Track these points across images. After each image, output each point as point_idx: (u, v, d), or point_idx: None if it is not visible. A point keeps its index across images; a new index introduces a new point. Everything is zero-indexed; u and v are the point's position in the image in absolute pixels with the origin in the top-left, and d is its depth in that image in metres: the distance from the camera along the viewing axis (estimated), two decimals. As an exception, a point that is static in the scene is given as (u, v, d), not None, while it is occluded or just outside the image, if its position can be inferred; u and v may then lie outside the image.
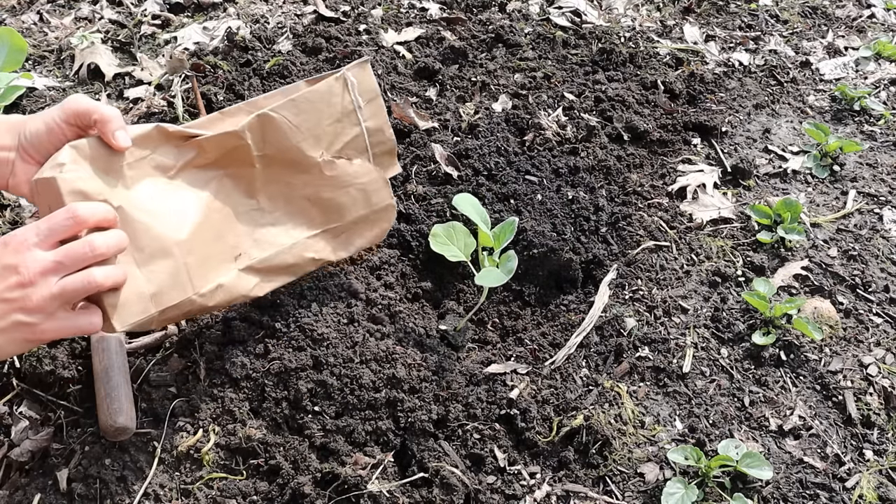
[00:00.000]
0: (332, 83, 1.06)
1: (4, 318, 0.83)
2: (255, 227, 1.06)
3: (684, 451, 1.08)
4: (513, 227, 1.23)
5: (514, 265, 1.17)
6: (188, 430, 1.07)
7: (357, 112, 1.09)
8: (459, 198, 1.26)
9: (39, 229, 0.84)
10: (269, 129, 1.03)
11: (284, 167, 1.07)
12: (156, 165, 0.97)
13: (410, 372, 1.12)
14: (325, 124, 1.07)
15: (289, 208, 1.09)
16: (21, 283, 0.82)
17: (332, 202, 1.11)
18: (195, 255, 0.97)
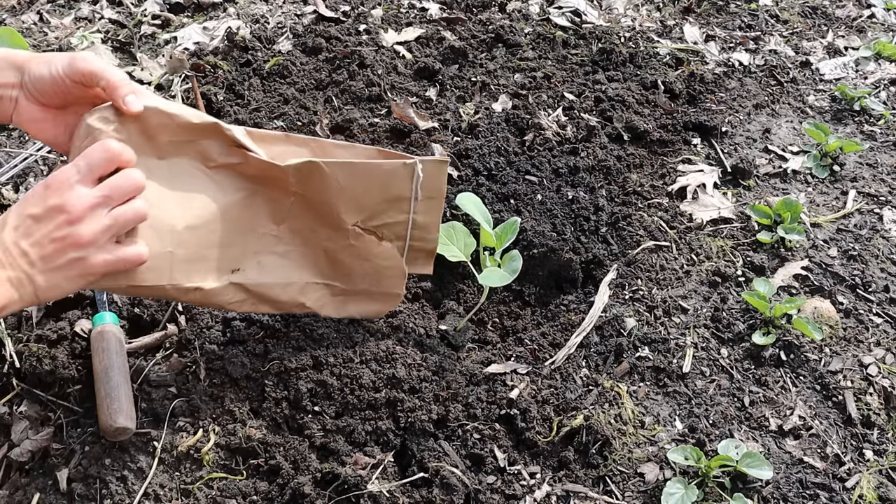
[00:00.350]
0: (399, 168, 1.04)
1: (59, 256, 0.86)
2: (265, 251, 1.04)
3: (684, 451, 1.08)
4: (515, 226, 1.23)
5: (519, 265, 1.17)
6: (188, 430, 1.07)
7: (412, 202, 1.06)
8: (462, 197, 1.25)
9: (79, 167, 0.86)
10: (315, 177, 1.00)
11: (314, 214, 1.05)
12: (199, 151, 0.97)
13: (410, 372, 1.12)
14: (373, 200, 1.05)
15: (304, 249, 1.07)
16: (70, 221, 0.85)
17: (345, 264, 1.09)
18: (186, 249, 0.96)
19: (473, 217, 1.24)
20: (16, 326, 1.19)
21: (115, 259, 0.89)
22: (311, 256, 1.07)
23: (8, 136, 1.61)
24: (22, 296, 0.86)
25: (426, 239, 1.12)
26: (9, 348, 1.14)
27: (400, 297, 1.16)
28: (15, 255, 0.85)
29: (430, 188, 1.07)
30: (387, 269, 1.11)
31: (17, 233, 0.85)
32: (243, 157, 0.98)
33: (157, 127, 0.93)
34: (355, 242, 1.07)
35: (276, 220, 1.04)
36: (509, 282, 1.15)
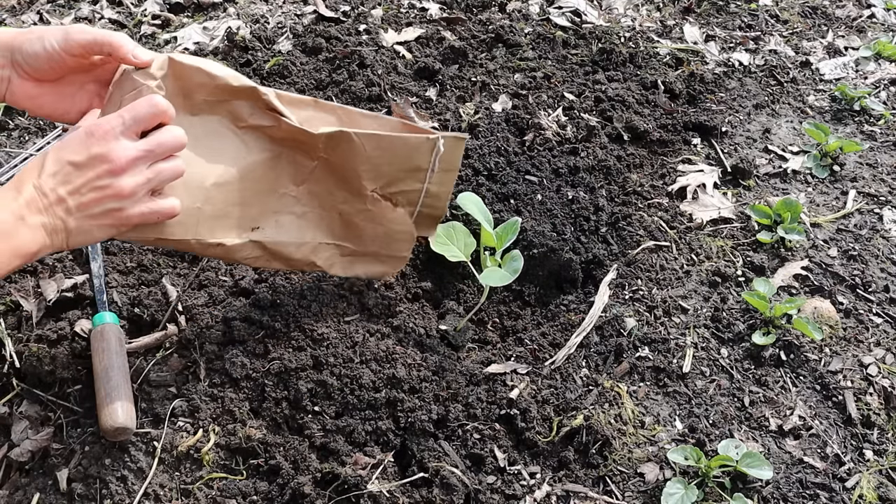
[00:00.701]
0: (422, 141, 1.09)
1: (97, 205, 0.86)
2: (283, 210, 1.08)
3: (684, 451, 1.08)
4: (516, 226, 1.23)
5: (520, 265, 1.17)
6: (188, 430, 1.07)
7: (428, 173, 1.12)
8: (463, 196, 1.25)
9: (125, 119, 0.87)
10: (343, 144, 1.04)
11: (336, 178, 1.09)
12: (230, 111, 1.00)
13: (410, 372, 1.12)
14: (394, 169, 1.10)
15: (320, 211, 1.11)
16: (112, 171, 0.85)
17: (357, 227, 1.14)
18: (213, 205, 0.99)
19: (474, 217, 1.24)
20: (16, 326, 1.19)
21: (149, 212, 0.90)
22: (326, 218, 1.12)
23: (8, 136, 1.61)
24: (53, 242, 0.86)
25: (435, 206, 1.17)
26: (9, 348, 1.14)
27: (405, 260, 1.21)
28: (52, 201, 0.85)
29: (448, 161, 1.13)
30: (398, 233, 1.16)
31: (55, 179, 0.85)
32: (275, 121, 1.01)
33: (197, 86, 0.95)
34: (372, 207, 1.12)
35: (296, 182, 1.08)
36: (510, 281, 1.15)
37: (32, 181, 0.85)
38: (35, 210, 0.84)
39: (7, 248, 0.83)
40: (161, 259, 1.33)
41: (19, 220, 0.83)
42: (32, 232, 0.84)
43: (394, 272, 1.24)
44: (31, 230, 0.84)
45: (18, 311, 1.20)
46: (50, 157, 0.86)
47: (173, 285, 1.26)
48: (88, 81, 0.99)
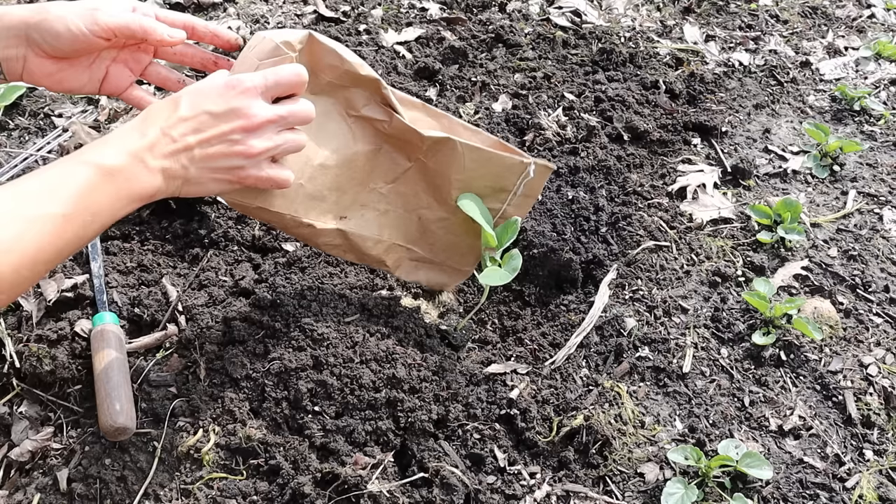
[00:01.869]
0: (517, 163, 1.11)
1: (222, 160, 0.85)
2: (370, 205, 1.09)
3: (684, 451, 1.08)
4: (515, 226, 1.23)
5: (519, 263, 1.17)
6: (188, 430, 1.07)
7: (511, 195, 1.14)
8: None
9: (268, 80, 0.86)
10: (445, 151, 1.06)
11: (426, 183, 1.11)
12: (346, 98, 1.01)
13: (410, 372, 1.12)
14: (483, 185, 1.11)
15: (402, 212, 1.13)
16: (246, 129, 0.85)
17: (433, 234, 1.16)
18: (314, 185, 1.00)
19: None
20: (16, 326, 1.19)
21: (267, 177, 0.90)
22: (405, 220, 1.14)
23: (8, 136, 1.61)
24: (168, 187, 0.84)
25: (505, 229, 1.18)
26: (9, 348, 1.14)
27: (468, 275, 1.24)
28: (179, 147, 0.83)
29: (531, 188, 1.15)
30: (469, 247, 1.18)
31: (186, 125, 0.83)
32: (388, 116, 1.03)
33: (326, 67, 0.97)
34: (452, 218, 1.14)
35: (387, 180, 1.09)
36: (509, 280, 1.15)
37: (161, 124, 0.82)
38: (159, 153, 0.82)
39: (125, 191, 0.80)
40: (161, 259, 1.33)
41: (139, 161, 0.81)
42: (151, 175, 0.81)
43: (453, 285, 1.26)
44: (151, 173, 0.81)
45: (18, 311, 1.20)
46: (185, 101, 0.84)
47: (173, 285, 1.26)
48: (103, 49, 0.98)
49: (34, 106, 1.68)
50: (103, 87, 1.01)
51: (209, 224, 1.37)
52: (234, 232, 1.36)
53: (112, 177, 0.79)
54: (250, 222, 1.38)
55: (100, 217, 0.79)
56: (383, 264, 1.15)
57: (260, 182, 0.90)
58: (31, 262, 0.74)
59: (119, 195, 0.80)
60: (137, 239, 1.36)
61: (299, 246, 1.34)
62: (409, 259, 1.17)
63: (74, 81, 0.98)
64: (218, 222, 1.37)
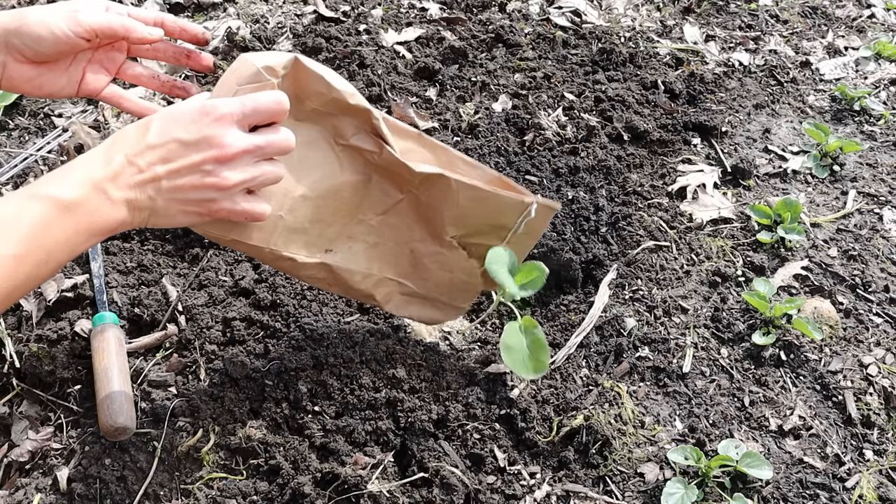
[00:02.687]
0: (517, 202, 1.05)
1: (193, 192, 0.80)
2: (358, 237, 1.04)
3: (684, 451, 1.08)
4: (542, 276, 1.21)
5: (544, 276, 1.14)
6: (188, 430, 1.07)
7: (510, 233, 1.09)
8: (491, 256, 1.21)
9: (245, 107, 0.81)
10: (438, 187, 1.01)
11: (418, 216, 1.05)
12: (334, 126, 0.96)
13: (410, 372, 1.12)
14: (479, 222, 1.06)
15: (393, 245, 1.07)
16: (219, 159, 0.79)
17: (426, 269, 1.10)
18: (294, 217, 0.95)
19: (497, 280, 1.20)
20: (16, 326, 1.19)
21: (241, 211, 0.85)
22: (396, 253, 1.08)
23: (8, 136, 1.61)
24: (133, 219, 0.79)
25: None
26: (9, 348, 1.14)
27: (463, 311, 1.17)
28: (146, 178, 0.78)
29: (533, 227, 1.09)
30: (464, 283, 1.13)
31: (155, 153, 0.78)
32: (377, 147, 0.97)
33: (312, 94, 0.92)
34: (446, 252, 1.09)
35: (377, 211, 1.04)
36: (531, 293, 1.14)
37: (127, 150, 0.78)
38: (123, 184, 0.77)
39: (84, 226, 0.75)
40: (161, 259, 1.33)
41: (101, 193, 0.76)
42: (114, 207, 0.77)
43: (446, 321, 1.19)
44: (114, 205, 0.77)
45: (18, 311, 1.20)
46: (155, 126, 0.79)
47: (173, 285, 1.26)
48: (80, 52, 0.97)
49: (34, 106, 1.68)
50: (81, 89, 1.00)
51: (209, 224, 1.36)
52: (234, 232, 1.36)
53: (70, 211, 0.74)
54: (250, 222, 1.38)
55: (55, 255, 0.75)
56: (372, 298, 1.09)
57: (234, 215, 0.85)
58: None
59: (77, 230, 0.75)
60: (137, 239, 1.36)
61: (299, 246, 1.34)
62: (401, 293, 1.11)
63: (54, 85, 0.96)
64: (218, 222, 1.37)
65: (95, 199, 0.76)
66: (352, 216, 1.02)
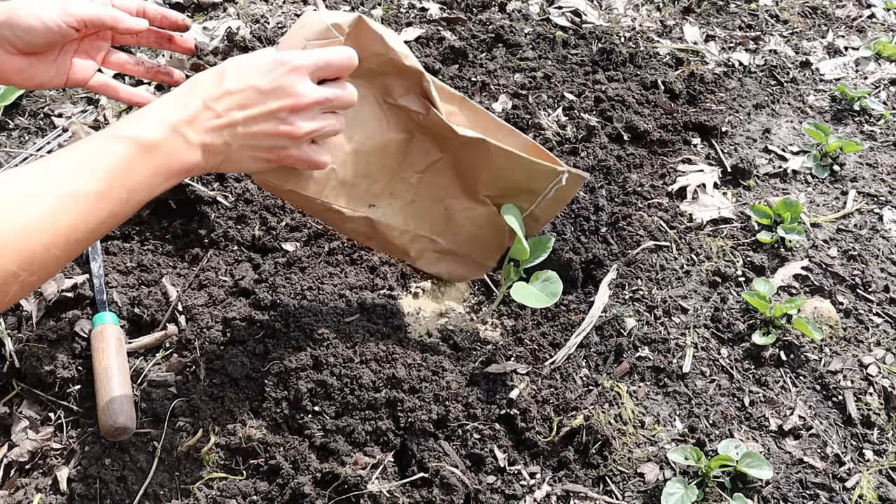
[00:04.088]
0: (550, 170, 1.10)
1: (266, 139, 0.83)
2: (398, 194, 1.09)
3: (684, 451, 1.08)
4: (547, 245, 1.22)
5: (559, 290, 1.15)
6: (188, 430, 1.07)
7: (539, 198, 1.13)
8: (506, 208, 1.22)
9: (319, 61, 0.84)
10: (478, 151, 1.05)
11: (455, 174, 1.10)
12: (384, 85, 1.00)
13: (410, 372, 1.12)
14: (512, 185, 1.11)
15: (428, 202, 1.12)
16: (293, 108, 0.83)
17: (458, 225, 1.15)
18: (346, 171, 1.00)
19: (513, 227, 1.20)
20: (16, 326, 1.19)
21: (306, 158, 0.88)
22: (433, 210, 1.13)
23: (8, 136, 1.61)
24: (207, 163, 0.81)
25: (531, 229, 1.18)
26: (9, 348, 1.14)
27: (488, 268, 1.23)
28: (223, 122, 0.80)
29: (561, 194, 1.14)
30: (492, 239, 1.18)
31: (232, 99, 0.80)
32: (425, 109, 1.02)
33: (371, 54, 0.95)
34: (480, 208, 1.13)
35: (417, 169, 1.09)
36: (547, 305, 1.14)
37: (204, 96, 0.79)
38: (200, 128, 0.79)
39: (163, 167, 0.77)
40: (161, 259, 1.33)
41: (180, 136, 0.77)
42: (191, 150, 0.78)
43: (472, 278, 1.25)
44: (191, 148, 0.78)
45: (18, 311, 1.20)
46: (231, 73, 0.81)
47: (173, 285, 1.26)
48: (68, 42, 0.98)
49: (34, 106, 1.68)
50: (70, 79, 1.01)
51: (209, 224, 1.37)
52: (234, 232, 1.36)
53: (150, 152, 0.76)
54: (250, 222, 1.39)
55: (136, 195, 0.76)
56: (407, 255, 1.15)
57: (299, 162, 0.88)
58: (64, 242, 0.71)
59: (157, 171, 0.77)
60: (137, 239, 1.36)
61: (299, 246, 1.34)
62: (433, 250, 1.17)
63: (44, 76, 0.97)
64: (218, 222, 1.37)
65: (174, 142, 0.77)
66: (394, 173, 1.07)
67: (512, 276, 1.19)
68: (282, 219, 1.39)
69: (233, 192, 1.42)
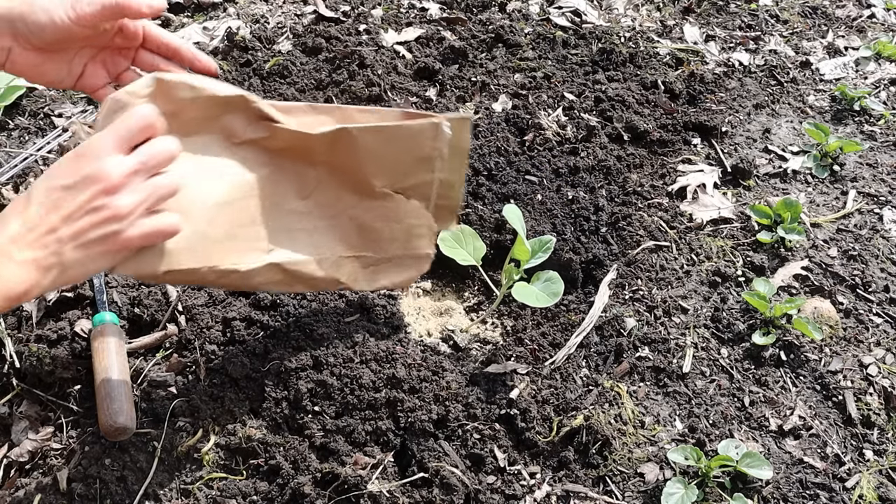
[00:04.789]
0: (425, 126, 1.02)
1: (94, 230, 0.79)
2: (294, 227, 1.02)
3: (684, 451, 1.08)
4: (549, 245, 1.21)
5: (560, 289, 1.15)
6: (188, 430, 1.07)
7: (437, 161, 1.05)
8: (507, 208, 1.21)
9: (115, 134, 0.81)
10: (344, 144, 0.99)
11: (342, 181, 1.03)
12: (223, 127, 0.94)
13: (410, 372, 1.12)
14: (401, 161, 1.03)
15: (332, 221, 1.04)
16: (107, 190, 0.79)
17: (373, 230, 1.07)
18: (219, 227, 0.92)
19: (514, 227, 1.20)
20: (16, 326, 1.19)
21: (151, 230, 0.82)
22: (340, 228, 1.05)
23: (8, 136, 1.61)
24: (45, 280, 0.78)
25: (450, 196, 1.09)
26: (9, 348, 1.14)
27: (430, 258, 1.13)
28: (42, 231, 0.77)
29: (455, 145, 1.05)
30: (416, 227, 1.09)
31: (43, 207, 0.77)
32: (270, 130, 0.96)
33: (183, 102, 0.90)
34: (386, 204, 1.05)
35: (301, 195, 1.02)
36: (549, 305, 1.14)
37: (18, 214, 0.78)
38: (24, 245, 0.76)
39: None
40: (161, 259, 1.33)
41: (5, 257, 0.75)
42: (21, 269, 0.76)
43: (419, 275, 1.14)
44: (20, 267, 0.76)
45: (18, 311, 1.20)
46: (37, 186, 0.79)
47: (173, 285, 1.26)
48: (84, 45, 0.97)
49: (34, 106, 1.68)
50: (79, 83, 1.00)
51: (209, 224, 1.36)
52: (234, 232, 1.36)
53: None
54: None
55: None
56: (338, 283, 1.05)
57: (145, 239, 0.82)
58: None
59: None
60: (137, 239, 1.36)
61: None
62: (363, 267, 1.07)
63: (54, 74, 0.96)
64: (218, 222, 1.37)
65: (1, 265, 0.75)
66: (278, 208, 0.99)
67: (513, 276, 1.19)
68: (282, 219, 1.39)
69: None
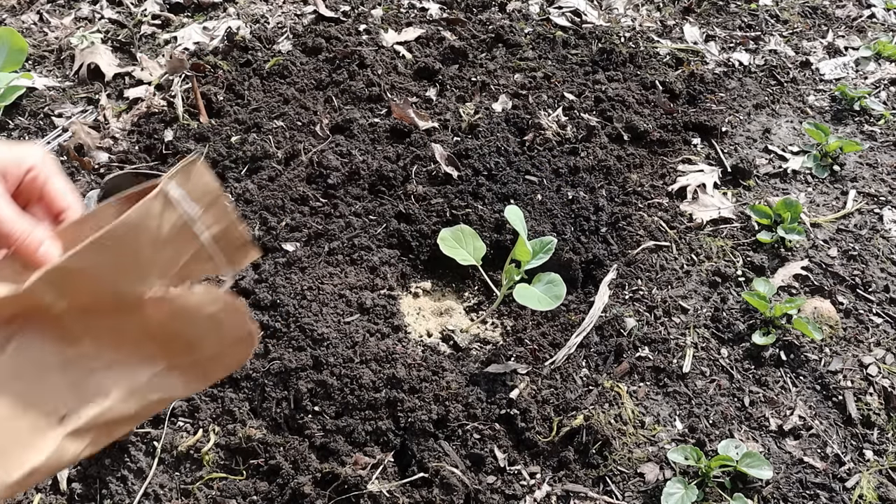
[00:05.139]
0: (148, 205, 0.78)
1: None
2: (81, 378, 0.83)
3: (684, 451, 1.08)
4: (550, 247, 1.21)
5: (562, 292, 1.15)
6: (188, 430, 1.07)
7: (194, 223, 0.82)
8: (510, 209, 1.21)
9: None
10: (68, 280, 0.78)
11: (104, 309, 0.82)
12: None
13: (410, 372, 1.12)
14: (149, 253, 0.81)
15: (122, 349, 0.84)
16: None
17: (174, 336, 0.86)
18: None
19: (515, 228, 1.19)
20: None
21: None
22: (134, 353, 0.86)
23: (8, 136, 1.61)
24: None
25: (235, 238, 0.85)
26: (9, 348, 1.14)
27: (253, 335, 0.90)
28: None
29: (202, 193, 0.82)
30: (218, 313, 0.87)
31: None
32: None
33: None
34: (166, 307, 0.84)
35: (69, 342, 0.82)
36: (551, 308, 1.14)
37: None
38: None
39: None
40: (161, 259, 1.33)
41: None
42: None
43: (251, 352, 0.91)
44: None
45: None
46: None
47: None
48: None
49: (34, 106, 1.68)
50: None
51: (209, 224, 1.36)
52: (234, 232, 1.36)
53: None
54: (250, 222, 1.39)
55: None
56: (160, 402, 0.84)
57: None
58: None
59: None
60: (137, 239, 1.36)
61: (299, 246, 1.34)
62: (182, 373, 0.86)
63: None
64: (218, 222, 1.37)
65: None
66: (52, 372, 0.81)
67: (514, 276, 1.19)
68: (282, 219, 1.39)
69: (233, 192, 1.42)
